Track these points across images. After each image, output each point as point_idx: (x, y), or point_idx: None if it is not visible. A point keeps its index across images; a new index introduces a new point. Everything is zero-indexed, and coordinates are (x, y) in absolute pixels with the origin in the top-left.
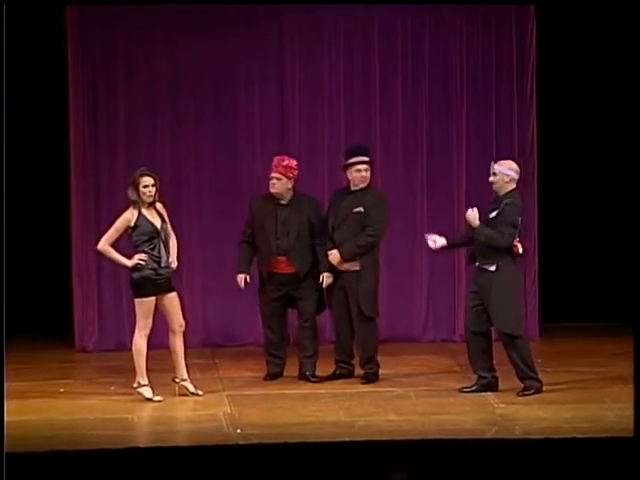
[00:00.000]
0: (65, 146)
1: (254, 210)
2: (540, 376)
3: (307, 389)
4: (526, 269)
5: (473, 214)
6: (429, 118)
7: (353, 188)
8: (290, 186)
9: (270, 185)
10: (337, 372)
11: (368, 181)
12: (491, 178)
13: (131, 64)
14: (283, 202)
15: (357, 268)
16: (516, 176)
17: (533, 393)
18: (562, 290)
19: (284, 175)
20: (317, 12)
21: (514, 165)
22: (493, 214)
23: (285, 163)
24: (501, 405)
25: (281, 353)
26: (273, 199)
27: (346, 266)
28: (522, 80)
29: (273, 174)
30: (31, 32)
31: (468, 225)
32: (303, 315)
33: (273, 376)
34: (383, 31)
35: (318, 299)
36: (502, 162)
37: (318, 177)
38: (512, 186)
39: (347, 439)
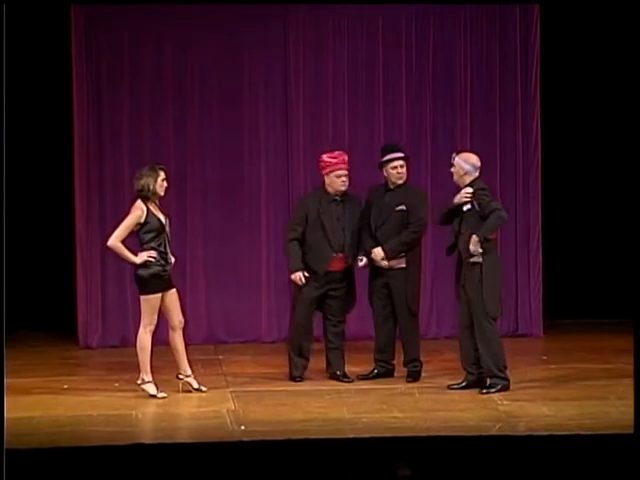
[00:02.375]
0: (69, 142)
1: (307, 208)
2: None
3: (311, 386)
4: (530, 265)
5: (473, 244)
6: (433, 113)
7: (391, 185)
8: None
9: (339, 183)
10: (376, 371)
11: (405, 177)
12: (452, 168)
13: (136, 60)
14: (338, 199)
15: (403, 265)
16: (472, 170)
17: (499, 390)
18: (566, 286)
19: (348, 170)
20: (321, 7)
21: (473, 158)
22: (467, 207)
23: (346, 158)
24: (505, 402)
25: (309, 355)
26: (327, 195)
27: (392, 263)
28: (526, 76)
29: (341, 171)
30: (35, 28)
31: (459, 218)
32: (337, 314)
33: (301, 378)
34: (387, 27)
35: (351, 298)
36: (462, 154)
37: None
38: (469, 179)
39: (351, 436)
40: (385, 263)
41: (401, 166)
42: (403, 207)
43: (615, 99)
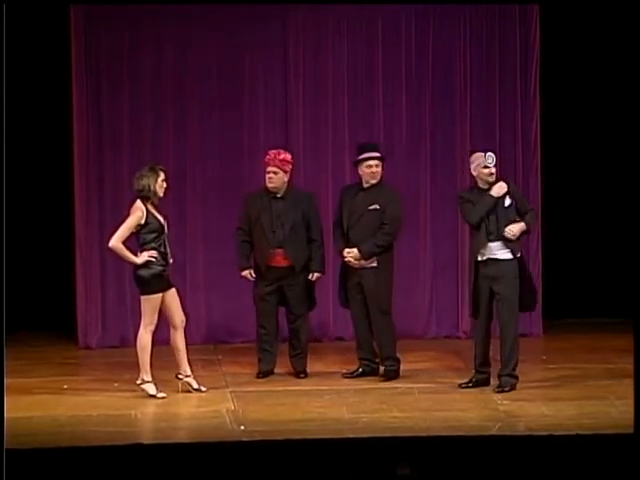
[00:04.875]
0: (69, 143)
1: (249, 206)
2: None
3: (310, 386)
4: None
5: (516, 228)
6: (433, 113)
7: (365, 185)
8: (286, 180)
9: (267, 179)
10: (360, 369)
11: (379, 177)
12: (494, 169)
13: (136, 60)
14: (278, 196)
15: (374, 264)
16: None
17: (510, 389)
18: (566, 286)
19: (280, 169)
20: (321, 7)
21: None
22: (508, 202)
23: (281, 157)
24: (505, 402)
25: (273, 349)
26: (268, 193)
27: (363, 263)
28: (526, 77)
29: (270, 168)
30: (35, 28)
31: (496, 223)
32: (294, 312)
33: (265, 374)
34: (387, 27)
35: (309, 296)
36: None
37: (322, 172)
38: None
39: (350, 436)
40: (358, 263)
41: (376, 165)
42: (376, 206)
43: (616, 100)
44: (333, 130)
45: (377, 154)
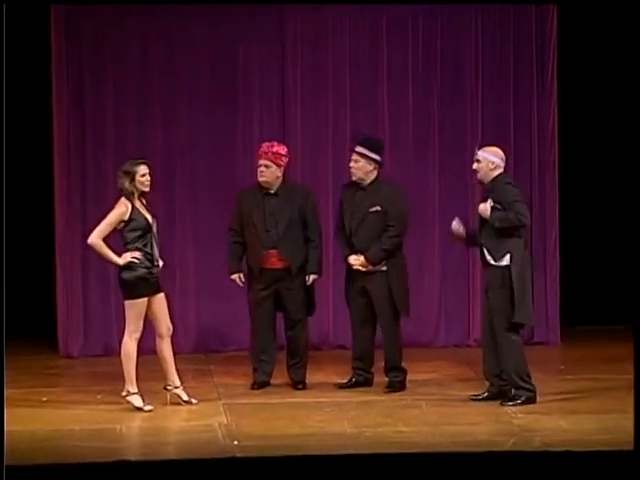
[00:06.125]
0: (49, 139)
1: (242, 203)
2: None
3: (309, 397)
4: (547, 268)
5: (484, 206)
6: (441, 109)
7: (360, 182)
8: (280, 174)
9: (258, 173)
10: (354, 379)
11: (359, 175)
12: (475, 165)
13: (121, 49)
14: (272, 192)
15: (384, 268)
16: (501, 163)
17: (524, 402)
18: (585, 291)
19: (273, 162)
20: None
21: (499, 151)
22: (489, 203)
23: (275, 149)
24: (519, 415)
25: (270, 359)
26: (261, 189)
27: (370, 267)
28: (542, 66)
29: (261, 161)
30: (15, 17)
31: (480, 220)
32: (292, 317)
33: (261, 385)
34: (393, 18)
35: (309, 300)
36: (486, 148)
37: (322, 171)
38: (497, 172)
39: (352, 452)
40: (364, 269)
41: (355, 161)
42: (378, 208)
43: (637, 95)
44: (334, 125)
45: (361, 149)
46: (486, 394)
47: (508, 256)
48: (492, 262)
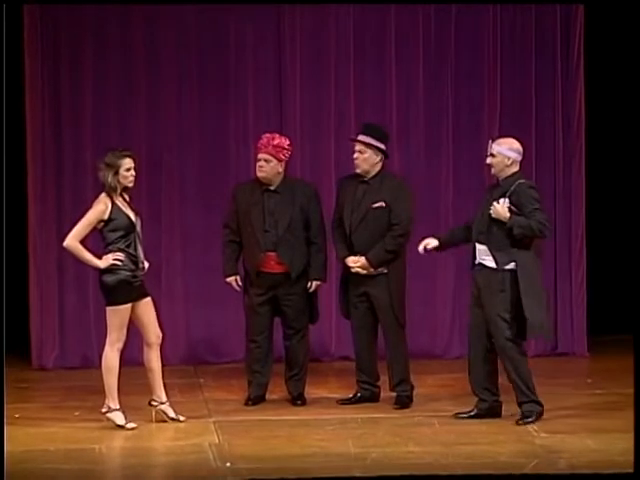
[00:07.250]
0: (21, 130)
1: (239, 200)
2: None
3: (309, 414)
4: (572, 273)
5: (501, 207)
6: (455, 93)
7: (363, 175)
8: (281, 169)
9: (257, 168)
10: (359, 394)
11: (363, 167)
12: (489, 160)
13: (101, 32)
14: (272, 188)
15: (385, 270)
16: (518, 157)
17: (535, 419)
18: (614, 298)
19: (274, 156)
20: None
21: (516, 144)
22: (505, 204)
23: (276, 142)
24: (542, 434)
25: (265, 370)
26: (260, 185)
27: (371, 271)
28: (567, 47)
29: (261, 155)
30: None
31: (488, 220)
32: (292, 326)
33: (256, 400)
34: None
35: (311, 307)
36: (501, 141)
37: (323, 165)
38: (514, 169)
39: (358, 474)
40: (365, 271)
41: (360, 152)
42: (382, 203)
43: None
44: (336, 111)
45: (362, 138)
46: (475, 411)
47: (513, 264)
48: (493, 266)
